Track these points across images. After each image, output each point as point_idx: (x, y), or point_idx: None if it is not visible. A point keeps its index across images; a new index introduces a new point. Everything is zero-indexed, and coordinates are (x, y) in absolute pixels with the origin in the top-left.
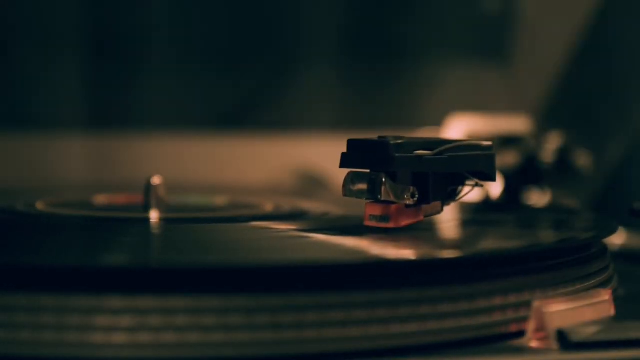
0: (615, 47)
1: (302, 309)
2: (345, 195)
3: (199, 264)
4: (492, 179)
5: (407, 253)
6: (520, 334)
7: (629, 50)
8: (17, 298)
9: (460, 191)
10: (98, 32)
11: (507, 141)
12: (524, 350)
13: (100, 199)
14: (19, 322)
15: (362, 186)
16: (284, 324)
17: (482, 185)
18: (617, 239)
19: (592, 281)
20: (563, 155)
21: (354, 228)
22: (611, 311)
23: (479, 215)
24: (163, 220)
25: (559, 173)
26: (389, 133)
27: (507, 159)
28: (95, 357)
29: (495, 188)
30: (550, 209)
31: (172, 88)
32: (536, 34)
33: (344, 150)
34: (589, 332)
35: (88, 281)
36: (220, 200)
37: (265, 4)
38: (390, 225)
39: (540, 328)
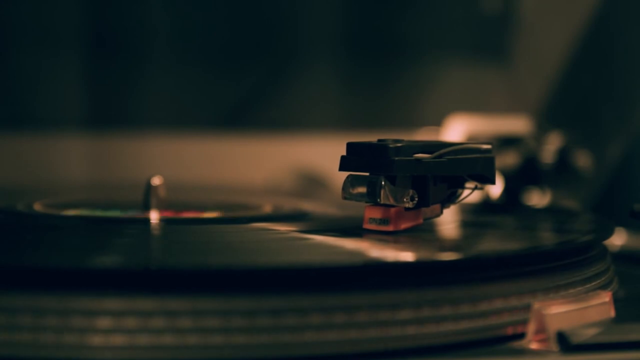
0: (615, 47)
1: (303, 310)
2: (344, 198)
3: (195, 265)
4: (492, 181)
5: (406, 255)
6: (521, 336)
7: (629, 51)
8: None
9: (460, 194)
10: (98, 31)
11: (507, 142)
12: (524, 352)
13: (100, 199)
14: (18, 323)
15: (362, 189)
16: (278, 326)
17: (481, 188)
18: (617, 240)
19: (592, 283)
20: (563, 155)
21: (354, 229)
22: (611, 313)
23: (478, 217)
24: (162, 221)
25: (559, 173)
26: (388, 133)
27: (507, 159)
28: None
29: (495, 189)
30: (550, 209)
31: (172, 88)
32: (536, 34)
33: (344, 150)
34: (589, 334)
35: (87, 282)
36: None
37: (266, 3)
38: (390, 228)
39: (541, 330)
